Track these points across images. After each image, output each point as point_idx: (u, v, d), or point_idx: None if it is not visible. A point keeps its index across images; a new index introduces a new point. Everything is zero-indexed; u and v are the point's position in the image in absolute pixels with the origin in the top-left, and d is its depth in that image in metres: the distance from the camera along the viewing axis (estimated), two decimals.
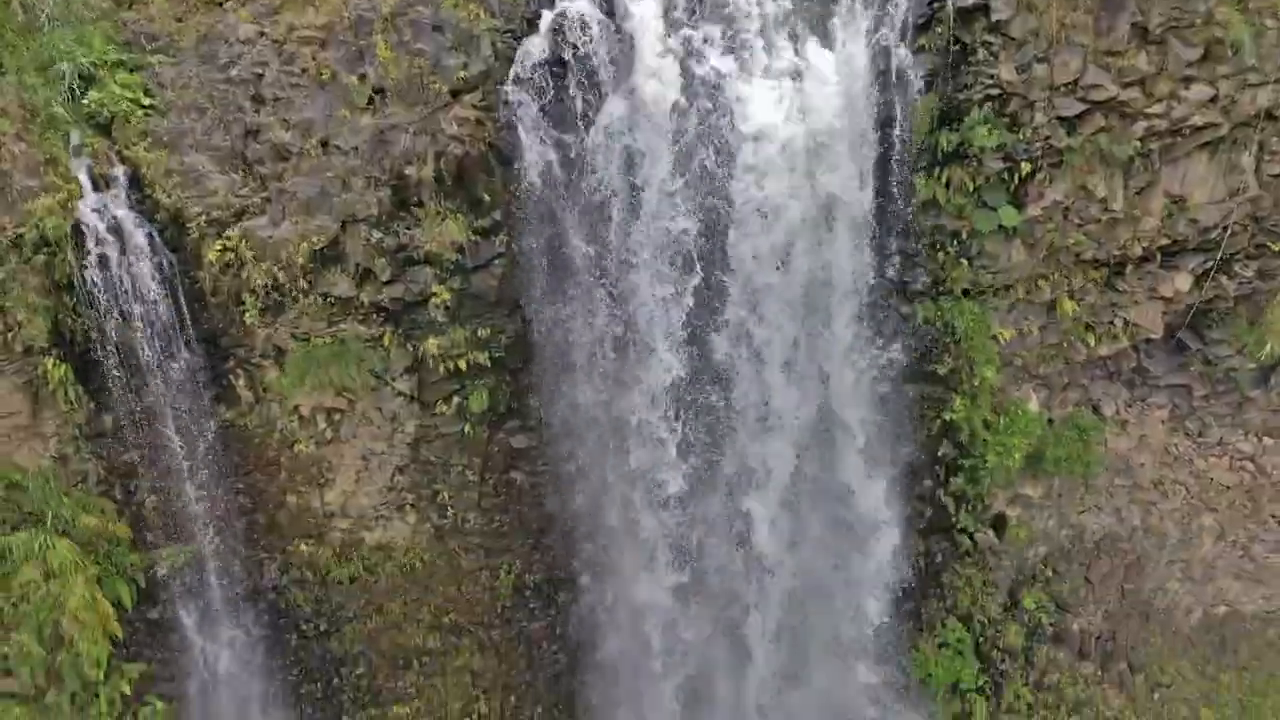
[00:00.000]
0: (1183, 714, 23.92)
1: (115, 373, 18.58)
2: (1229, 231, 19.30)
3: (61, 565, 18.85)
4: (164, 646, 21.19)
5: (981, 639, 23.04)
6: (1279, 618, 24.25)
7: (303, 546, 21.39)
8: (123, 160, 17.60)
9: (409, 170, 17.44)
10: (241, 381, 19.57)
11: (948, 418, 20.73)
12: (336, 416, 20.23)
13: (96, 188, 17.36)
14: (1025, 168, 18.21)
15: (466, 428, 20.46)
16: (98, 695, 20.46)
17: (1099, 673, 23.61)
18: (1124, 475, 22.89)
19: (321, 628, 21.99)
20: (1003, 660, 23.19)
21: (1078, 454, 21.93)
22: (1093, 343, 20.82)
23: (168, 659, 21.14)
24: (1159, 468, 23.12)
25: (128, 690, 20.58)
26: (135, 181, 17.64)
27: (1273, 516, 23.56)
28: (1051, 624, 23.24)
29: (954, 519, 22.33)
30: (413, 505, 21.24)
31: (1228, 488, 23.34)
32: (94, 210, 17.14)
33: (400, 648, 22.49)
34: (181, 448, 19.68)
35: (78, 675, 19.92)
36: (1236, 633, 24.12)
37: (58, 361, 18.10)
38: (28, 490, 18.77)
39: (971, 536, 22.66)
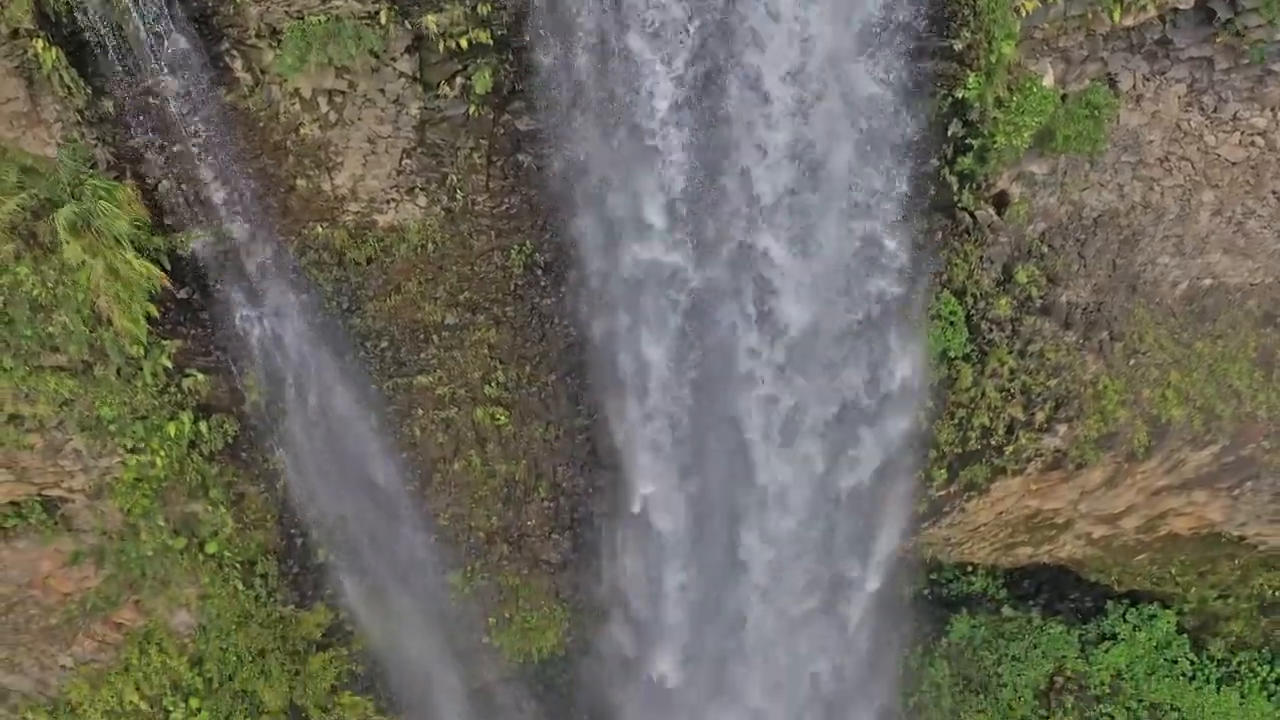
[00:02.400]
0: (1153, 376, 25.63)
1: (107, 55, 18.07)
2: None
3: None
4: (197, 324, 22.36)
5: (973, 311, 24.18)
6: (1260, 289, 25.24)
7: (318, 229, 21.87)
8: None
9: None
10: (239, 64, 19.05)
11: (960, 95, 20.39)
12: (338, 99, 19.91)
13: None
14: None
15: (471, 109, 20.20)
16: (141, 369, 21.93)
17: (1080, 341, 25.04)
18: (1131, 152, 22.87)
19: (343, 306, 23.02)
20: (991, 330, 24.51)
21: (1088, 131, 21.78)
22: (1118, 14, 20.00)
23: (202, 336, 22.38)
24: (1167, 144, 23.04)
25: (168, 364, 22.01)
26: None
27: (1273, 193, 23.82)
28: (1041, 297, 24.31)
29: (957, 197, 22.63)
30: (422, 188, 21.45)
31: (1233, 163, 23.40)
32: None
33: (419, 323, 23.69)
34: (185, 132, 19.58)
35: (120, 351, 21.25)
36: (1217, 304, 25.22)
37: (47, 44, 17.53)
38: (43, 175, 18.90)
39: (972, 214, 23.10)
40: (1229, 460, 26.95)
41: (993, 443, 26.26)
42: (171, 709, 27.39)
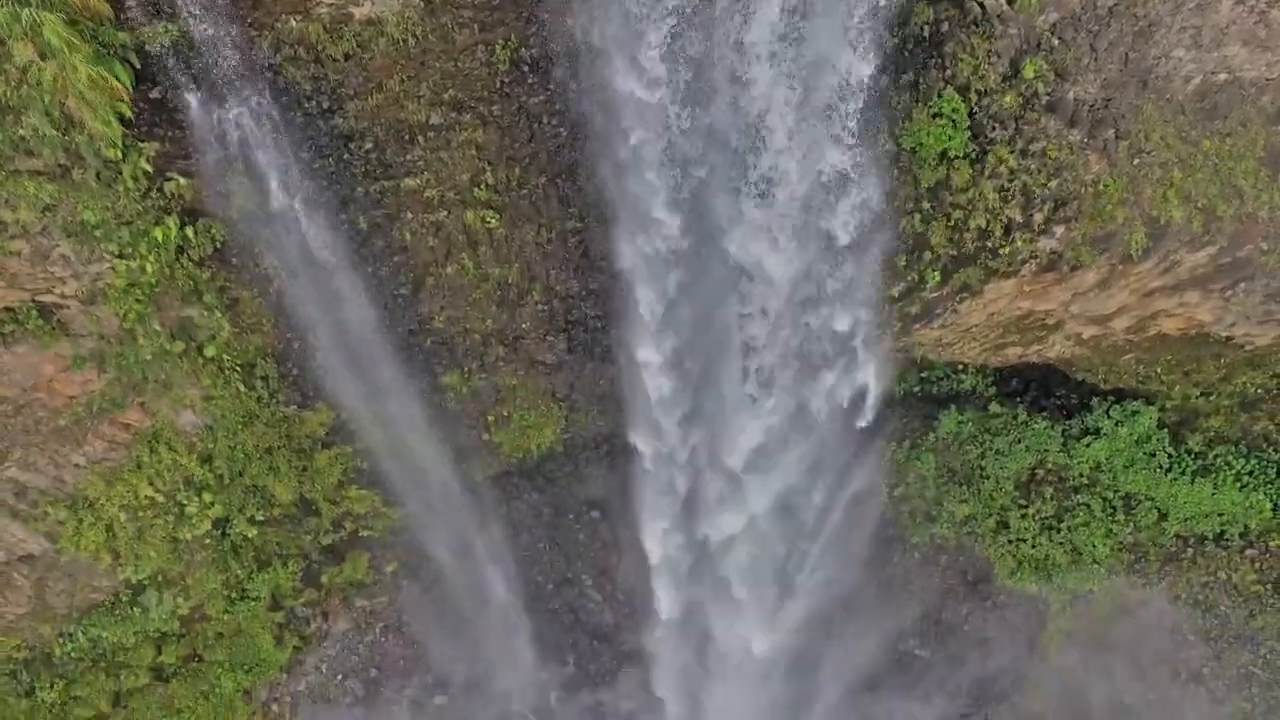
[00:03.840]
0: (1156, 176, 25.01)
1: None
2: None
3: (55, 41, 18.47)
4: (173, 125, 21.69)
5: (976, 109, 23.35)
6: (1276, 84, 24.20)
7: (291, 22, 20.83)
8: None
9: None
10: None
11: None
12: None
13: None
14: None
15: None
16: (120, 172, 21.47)
17: (1085, 140, 24.28)
18: None
19: (324, 105, 22.24)
20: (993, 129, 23.75)
21: None
22: None
23: (180, 138, 21.75)
24: None
25: (148, 167, 21.53)
26: None
27: None
28: (1048, 93, 23.38)
29: None
30: None
31: None
32: None
33: (404, 123, 22.98)
34: None
35: (96, 154, 20.73)
36: (1229, 100, 24.25)
37: None
38: None
39: (981, 4, 21.91)
40: (1225, 262, 26.75)
41: (988, 245, 26.01)
42: (186, 503, 28.61)
